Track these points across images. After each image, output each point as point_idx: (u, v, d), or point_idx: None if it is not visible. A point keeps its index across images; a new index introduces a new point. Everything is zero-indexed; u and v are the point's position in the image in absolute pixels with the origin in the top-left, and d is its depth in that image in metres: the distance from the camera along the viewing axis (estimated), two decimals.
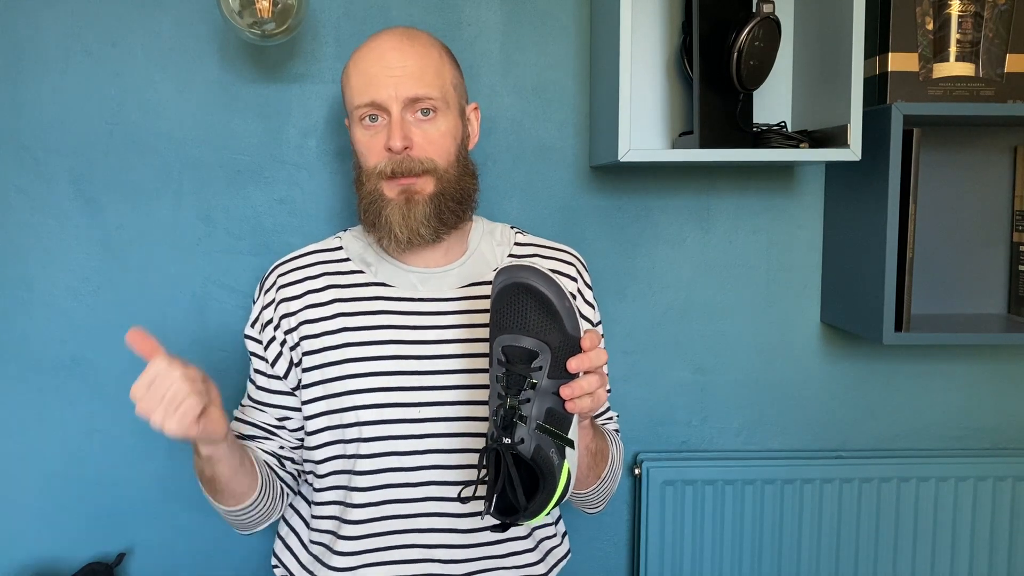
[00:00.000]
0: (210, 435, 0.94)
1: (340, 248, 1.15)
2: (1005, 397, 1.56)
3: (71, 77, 1.39)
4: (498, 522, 0.92)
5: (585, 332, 0.91)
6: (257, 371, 1.13)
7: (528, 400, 0.88)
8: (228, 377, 1.44)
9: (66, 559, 1.46)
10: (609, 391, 1.21)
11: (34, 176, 1.40)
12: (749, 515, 1.48)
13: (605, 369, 0.99)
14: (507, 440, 0.88)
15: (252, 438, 1.13)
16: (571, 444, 0.91)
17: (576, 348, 0.90)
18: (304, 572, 1.12)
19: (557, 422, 0.90)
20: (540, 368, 0.89)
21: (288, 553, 1.15)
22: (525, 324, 0.90)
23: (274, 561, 1.17)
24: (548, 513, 0.91)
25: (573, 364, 0.89)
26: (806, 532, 1.49)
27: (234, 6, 1.23)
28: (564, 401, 0.90)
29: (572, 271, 1.18)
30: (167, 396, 0.89)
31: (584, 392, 0.89)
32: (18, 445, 1.44)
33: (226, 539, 1.47)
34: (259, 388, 1.14)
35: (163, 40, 1.40)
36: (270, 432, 1.13)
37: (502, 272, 0.92)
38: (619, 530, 1.55)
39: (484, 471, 0.90)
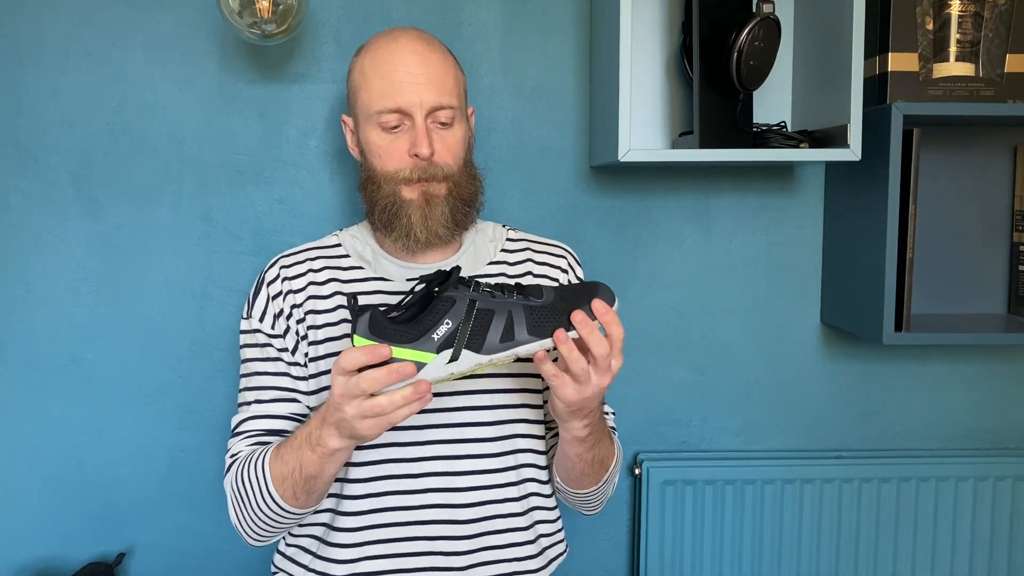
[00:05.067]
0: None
1: (339, 245, 1.17)
2: (1005, 397, 1.56)
3: (71, 77, 1.39)
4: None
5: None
6: (280, 361, 1.11)
7: (493, 296, 0.89)
8: (228, 377, 1.45)
9: (66, 559, 1.46)
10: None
11: (34, 176, 1.40)
12: (749, 515, 1.48)
13: (604, 382, 0.95)
14: (472, 279, 0.90)
15: (283, 432, 1.09)
16: (456, 354, 0.89)
17: (566, 324, 0.90)
18: (299, 568, 1.11)
19: (477, 326, 0.89)
20: (527, 300, 0.90)
21: (287, 550, 1.15)
22: (563, 289, 0.92)
23: (273, 569, 1.16)
24: (361, 343, 0.88)
25: (579, 316, 0.89)
26: (806, 532, 1.49)
27: (234, 6, 1.24)
28: (506, 329, 0.89)
29: (563, 263, 1.20)
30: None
31: (575, 358, 0.89)
32: (18, 445, 1.44)
33: (226, 539, 1.47)
34: (283, 375, 1.10)
35: (163, 40, 1.40)
36: (304, 420, 1.10)
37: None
38: (619, 530, 1.55)
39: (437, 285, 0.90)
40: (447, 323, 0.88)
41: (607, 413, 1.21)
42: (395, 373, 0.86)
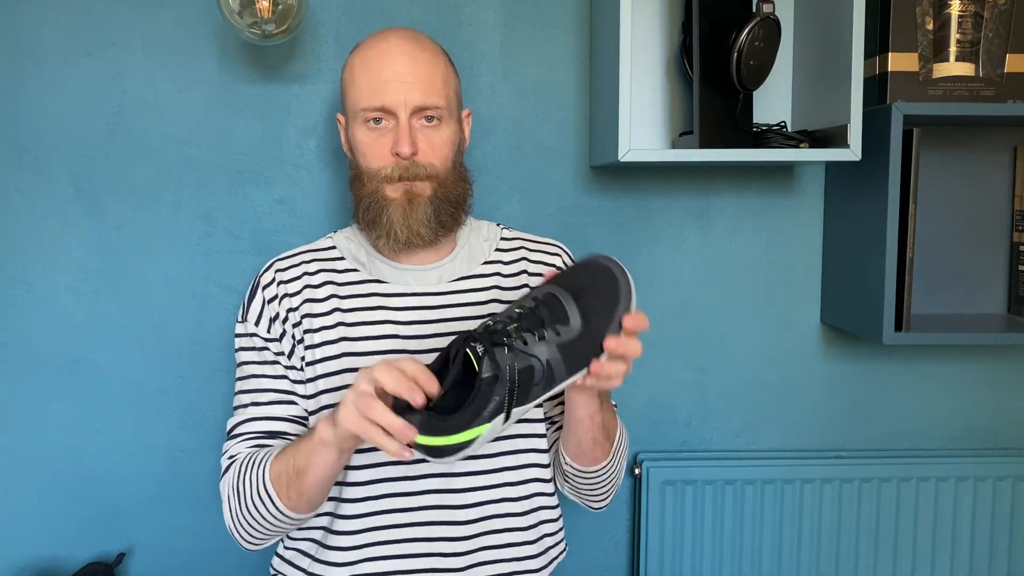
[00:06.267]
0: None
1: (334, 248, 1.16)
2: (1005, 397, 1.56)
3: (71, 77, 1.39)
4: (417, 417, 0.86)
5: (635, 312, 0.90)
6: (278, 364, 1.10)
7: (525, 343, 0.86)
8: (228, 377, 1.45)
9: (66, 559, 1.46)
10: None
11: (34, 176, 1.40)
12: (749, 515, 1.48)
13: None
14: (480, 348, 0.84)
15: (282, 434, 1.09)
16: (508, 415, 0.87)
17: (598, 350, 0.89)
18: (297, 571, 1.11)
19: (522, 386, 0.86)
20: (559, 334, 0.87)
21: (286, 553, 1.15)
22: (582, 295, 0.89)
23: (272, 571, 1.16)
24: (431, 450, 0.85)
25: (612, 343, 0.88)
26: (806, 532, 1.49)
27: (234, 6, 1.24)
28: (547, 376, 0.87)
29: (558, 261, 1.20)
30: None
31: (610, 374, 0.89)
32: (18, 445, 1.44)
33: (226, 539, 1.47)
34: (281, 378, 1.10)
35: (163, 40, 1.40)
36: (304, 423, 1.10)
37: (599, 254, 0.93)
38: (619, 530, 1.55)
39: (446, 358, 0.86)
40: (495, 399, 0.86)
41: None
42: (401, 433, 0.84)
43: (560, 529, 1.18)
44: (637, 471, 1.48)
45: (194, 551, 1.48)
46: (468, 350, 0.85)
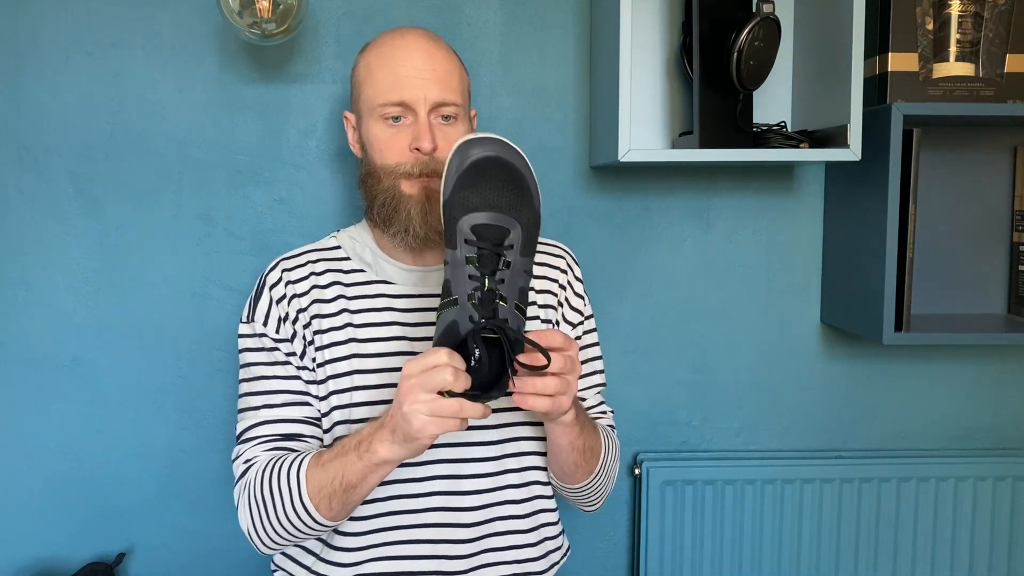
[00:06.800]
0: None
1: (339, 247, 1.15)
2: (1005, 397, 1.56)
3: (71, 77, 1.39)
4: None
5: (550, 331, 0.91)
6: (289, 364, 1.09)
7: (503, 281, 0.86)
8: (228, 377, 1.45)
9: (66, 559, 1.46)
10: (604, 385, 1.22)
11: (34, 176, 1.40)
12: (749, 515, 1.48)
13: (577, 374, 0.96)
14: (493, 319, 0.85)
15: (299, 436, 1.08)
16: (524, 314, 0.91)
17: (537, 217, 0.90)
18: (301, 568, 1.11)
19: (524, 301, 0.89)
20: (512, 247, 0.87)
21: (290, 551, 1.14)
22: (496, 201, 0.88)
23: (273, 567, 1.16)
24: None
25: (524, 359, 0.88)
26: (806, 532, 1.49)
27: (234, 6, 1.24)
28: (528, 276, 0.89)
29: (562, 264, 1.20)
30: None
31: (539, 392, 0.89)
32: (18, 445, 1.44)
33: (226, 539, 1.47)
34: (294, 379, 1.09)
35: (163, 40, 1.40)
36: (318, 424, 1.09)
37: (464, 147, 0.91)
38: (619, 530, 1.55)
39: (476, 353, 0.86)
40: (522, 328, 0.88)
41: (604, 413, 1.21)
42: (485, 413, 0.89)
43: (560, 533, 1.18)
44: (637, 471, 1.48)
45: (194, 551, 1.48)
46: (498, 329, 0.87)
